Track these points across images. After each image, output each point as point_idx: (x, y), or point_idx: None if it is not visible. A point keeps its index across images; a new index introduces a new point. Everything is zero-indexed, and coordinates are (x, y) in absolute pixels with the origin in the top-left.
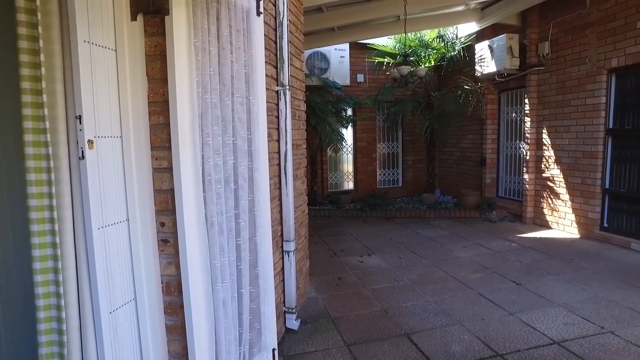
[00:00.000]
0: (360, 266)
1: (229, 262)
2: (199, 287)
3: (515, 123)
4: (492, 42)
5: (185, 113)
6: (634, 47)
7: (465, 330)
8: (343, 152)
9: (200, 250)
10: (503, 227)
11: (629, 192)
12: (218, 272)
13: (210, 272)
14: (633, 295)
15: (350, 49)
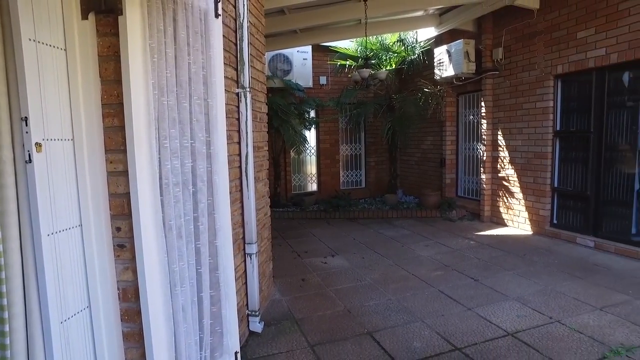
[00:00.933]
0: (324, 267)
1: (188, 265)
2: (158, 292)
3: (473, 125)
4: (450, 47)
5: (141, 115)
6: (576, 55)
7: (426, 326)
8: (306, 154)
9: (158, 255)
10: (462, 225)
11: (574, 190)
12: (177, 277)
13: (169, 277)
14: (577, 286)
15: (313, 51)
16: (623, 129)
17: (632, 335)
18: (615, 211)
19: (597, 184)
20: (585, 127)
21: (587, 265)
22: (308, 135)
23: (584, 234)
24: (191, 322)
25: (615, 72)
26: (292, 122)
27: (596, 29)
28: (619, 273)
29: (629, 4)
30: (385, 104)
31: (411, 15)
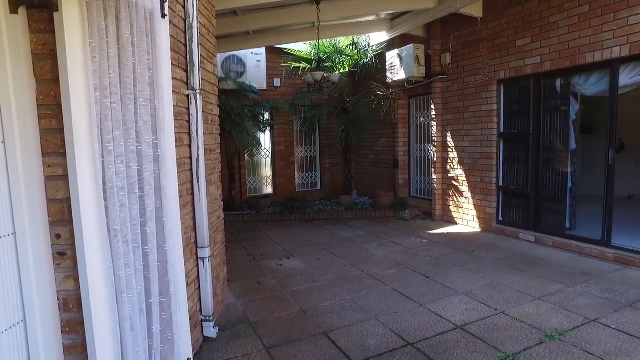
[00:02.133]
0: (279, 269)
1: (135, 271)
2: (102, 300)
3: (424, 127)
4: (401, 51)
5: (82, 117)
6: (515, 62)
7: (380, 324)
8: (261, 157)
9: (102, 262)
10: (415, 224)
11: (517, 188)
12: (123, 283)
13: (114, 284)
14: (520, 279)
15: (267, 53)
16: (557, 131)
17: (564, 320)
18: (552, 207)
19: (536, 182)
20: (525, 130)
21: (528, 259)
22: (263, 138)
23: (526, 229)
24: (139, 330)
25: (549, 79)
26: (245, 125)
27: (532, 38)
28: (555, 265)
29: (558, 17)
30: (339, 107)
31: (363, 20)
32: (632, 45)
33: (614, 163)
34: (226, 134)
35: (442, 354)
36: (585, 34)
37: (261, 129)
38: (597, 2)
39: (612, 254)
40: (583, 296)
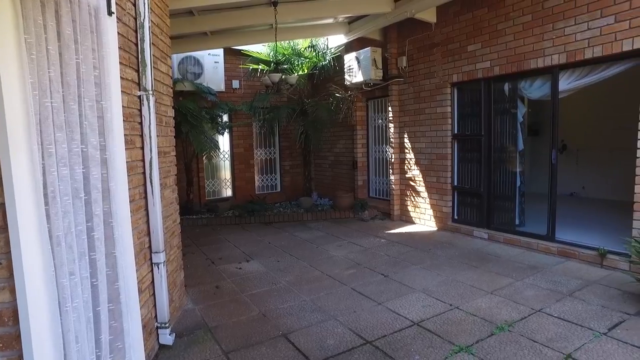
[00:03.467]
0: (238, 273)
1: (81, 279)
2: (43, 311)
3: (382, 129)
4: (358, 54)
5: (18, 117)
6: (467, 66)
7: (339, 324)
8: (220, 159)
9: (44, 270)
10: (374, 225)
11: (471, 188)
12: (67, 292)
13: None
14: (473, 275)
15: (225, 54)
16: (507, 132)
17: (513, 312)
18: (503, 206)
19: (488, 182)
20: (477, 131)
21: (482, 255)
22: (221, 140)
23: (479, 227)
24: (85, 340)
25: (499, 83)
26: (203, 127)
27: (482, 44)
28: (506, 260)
29: (504, 25)
30: (299, 109)
31: (321, 23)
32: (568, 54)
33: (557, 163)
34: (183, 137)
35: (399, 351)
36: (529, 41)
37: (219, 131)
38: (538, 12)
39: (556, 248)
40: (530, 288)
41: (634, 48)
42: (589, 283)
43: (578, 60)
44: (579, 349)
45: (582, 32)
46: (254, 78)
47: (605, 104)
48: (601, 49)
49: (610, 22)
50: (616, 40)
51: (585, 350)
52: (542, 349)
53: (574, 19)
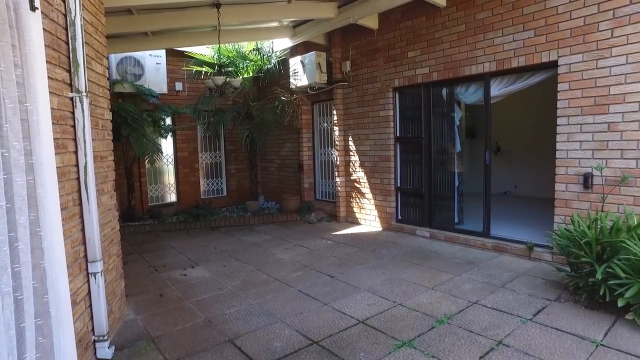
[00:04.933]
0: (183, 279)
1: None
2: None
3: (327, 132)
4: (303, 58)
5: None
6: (408, 71)
7: (286, 326)
8: (163, 164)
9: None
10: (321, 227)
11: (413, 188)
12: None
13: None
14: (416, 272)
15: (168, 55)
16: (445, 135)
17: (452, 305)
18: (443, 205)
19: (429, 182)
20: (418, 134)
21: (424, 253)
22: (164, 144)
23: (421, 226)
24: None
25: (437, 88)
26: (145, 130)
27: (421, 50)
28: (446, 257)
29: (441, 33)
30: (244, 112)
31: (266, 26)
32: (497, 62)
33: (491, 163)
34: (123, 140)
35: (345, 349)
36: (464, 49)
37: (162, 135)
38: (471, 23)
39: (491, 244)
40: (468, 282)
41: (551, 60)
42: (518, 275)
43: (506, 68)
44: (509, 335)
45: (508, 42)
46: (198, 80)
47: (531, 109)
48: (525, 59)
49: (531, 35)
50: (536, 52)
51: (514, 336)
52: (477, 338)
53: (501, 31)
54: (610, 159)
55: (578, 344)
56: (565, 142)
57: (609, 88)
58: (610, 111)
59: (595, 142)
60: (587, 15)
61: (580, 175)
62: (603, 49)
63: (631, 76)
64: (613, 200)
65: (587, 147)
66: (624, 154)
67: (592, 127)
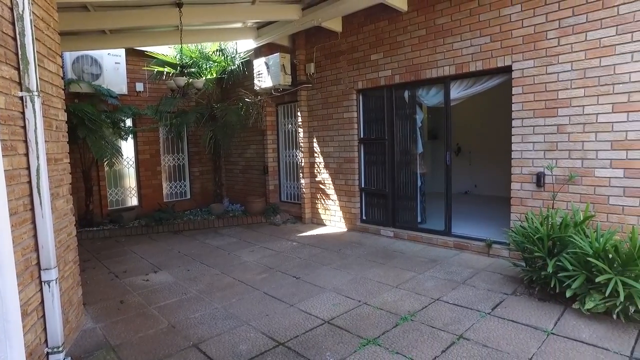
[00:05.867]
0: (145, 285)
1: None
2: None
3: (292, 133)
4: (268, 60)
5: None
6: (371, 74)
7: (251, 328)
8: (124, 166)
9: None
10: (286, 228)
11: (377, 189)
12: None
13: None
14: (380, 271)
15: (128, 55)
16: (408, 136)
17: (415, 303)
18: (406, 205)
19: (392, 183)
20: (381, 135)
21: (388, 253)
22: (125, 146)
23: (386, 226)
24: None
25: (399, 90)
26: (103, 132)
27: (384, 53)
28: (410, 255)
29: (403, 37)
30: (207, 113)
31: (230, 27)
32: (457, 66)
33: (451, 164)
34: (80, 142)
35: (311, 349)
36: (424, 53)
37: (122, 137)
38: (431, 27)
39: (453, 242)
40: (430, 280)
41: (505, 65)
42: (478, 271)
43: (465, 72)
44: (469, 329)
45: (466, 47)
46: (160, 81)
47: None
48: (482, 64)
49: (487, 41)
50: (492, 57)
51: (474, 329)
52: (439, 333)
53: (460, 36)
54: (559, 159)
55: (532, 334)
56: (519, 143)
57: (557, 92)
58: (559, 114)
59: (546, 143)
60: (537, 24)
61: (534, 175)
62: (551, 55)
63: (576, 82)
64: (562, 197)
65: (539, 147)
66: (571, 154)
67: (544, 129)
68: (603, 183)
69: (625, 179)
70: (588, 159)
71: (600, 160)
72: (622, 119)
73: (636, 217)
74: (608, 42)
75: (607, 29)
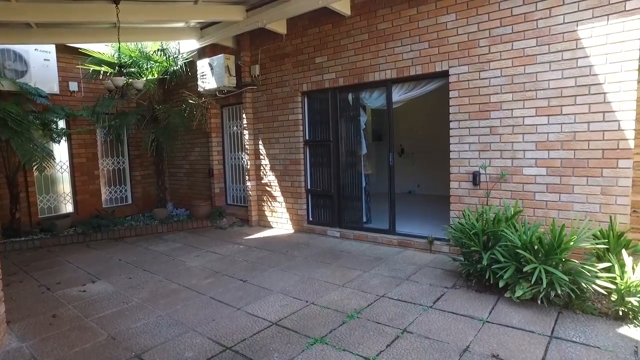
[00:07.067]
0: (82, 296)
1: None
2: None
3: (237, 135)
4: (212, 61)
5: None
6: (315, 76)
7: (197, 334)
8: (57, 171)
9: None
10: (233, 232)
11: (323, 190)
12: None
13: None
14: (327, 271)
15: (59, 52)
16: (352, 138)
17: (361, 300)
18: (352, 205)
19: (338, 183)
20: (326, 137)
21: (335, 253)
22: (57, 149)
23: (332, 226)
24: None
25: (343, 93)
26: (31, 134)
27: (328, 56)
28: (356, 255)
29: (347, 40)
30: (149, 115)
31: (172, 26)
32: (398, 70)
33: (394, 164)
34: (3, 145)
35: (259, 351)
36: (367, 57)
37: (55, 139)
38: (374, 32)
39: (397, 240)
40: (376, 278)
41: (443, 69)
42: (421, 267)
43: (405, 76)
44: (412, 322)
45: (407, 52)
46: (97, 81)
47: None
48: (421, 68)
49: (426, 46)
50: (431, 62)
51: (417, 323)
52: (384, 328)
53: (400, 41)
54: (492, 158)
55: (469, 323)
56: (457, 144)
57: (489, 96)
58: (491, 117)
59: (480, 143)
60: (470, 32)
61: (470, 174)
62: (483, 62)
63: (505, 87)
64: (496, 195)
65: (474, 148)
66: (503, 154)
67: (478, 130)
68: (530, 180)
69: (548, 176)
70: (517, 158)
71: (527, 160)
72: (544, 122)
73: (557, 211)
74: (531, 52)
75: (529, 40)
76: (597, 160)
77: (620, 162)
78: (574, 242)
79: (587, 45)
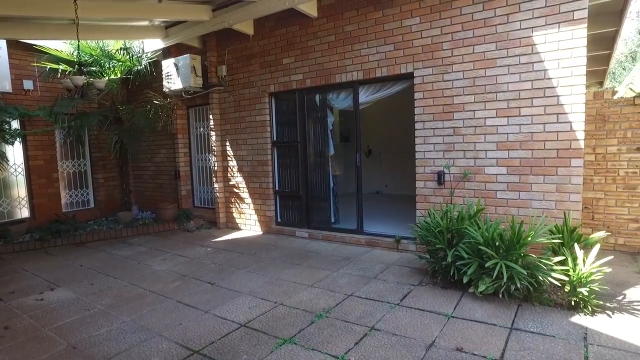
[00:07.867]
0: (39, 305)
1: None
2: None
3: (204, 137)
4: (177, 61)
5: None
6: (283, 77)
7: (164, 339)
8: (10, 174)
9: None
10: (200, 234)
11: (291, 191)
12: None
13: None
14: (296, 272)
15: (11, 48)
16: (320, 139)
17: (330, 300)
18: (320, 206)
19: (306, 184)
20: (294, 138)
21: (303, 253)
22: (10, 151)
23: (301, 227)
24: None
25: (311, 94)
26: None
27: (295, 58)
28: (324, 255)
29: (314, 42)
30: (112, 116)
31: (135, 24)
32: (364, 71)
33: (361, 165)
34: None
35: (227, 354)
36: (334, 58)
37: (8, 141)
38: (340, 34)
39: (365, 240)
40: (344, 277)
41: (408, 71)
42: (388, 266)
43: (372, 77)
44: (380, 320)
45: (373, 54)
46: (55, 80)
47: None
48: (387, 70)
49: (392, 49)
50: (396, 64)
51: (384, 320)
52: (352, 327)
53: (367, 43)
54: (456, 158)
55: (435, 319)
56: (422, 145)
57: (452, 98)
58: (455, 118)
59: (445, 144)
60: (433, 36)
61: (435, 174)
62: (447, 64)
63: (467, 89)
64: (459, 193)
65: (439, 148)
66: (466, 154)
67: (442, 131)
68: (491, 179)
69: (508, 175)
70: (479, 158)
71: (489, 159)
72: (504, 123)
73: (516, 208)
74: (491, 56)
75: (489, 44)
76: (552, 159)
77: (572, 161)
78: (531, 237)
79: (542, 50)
